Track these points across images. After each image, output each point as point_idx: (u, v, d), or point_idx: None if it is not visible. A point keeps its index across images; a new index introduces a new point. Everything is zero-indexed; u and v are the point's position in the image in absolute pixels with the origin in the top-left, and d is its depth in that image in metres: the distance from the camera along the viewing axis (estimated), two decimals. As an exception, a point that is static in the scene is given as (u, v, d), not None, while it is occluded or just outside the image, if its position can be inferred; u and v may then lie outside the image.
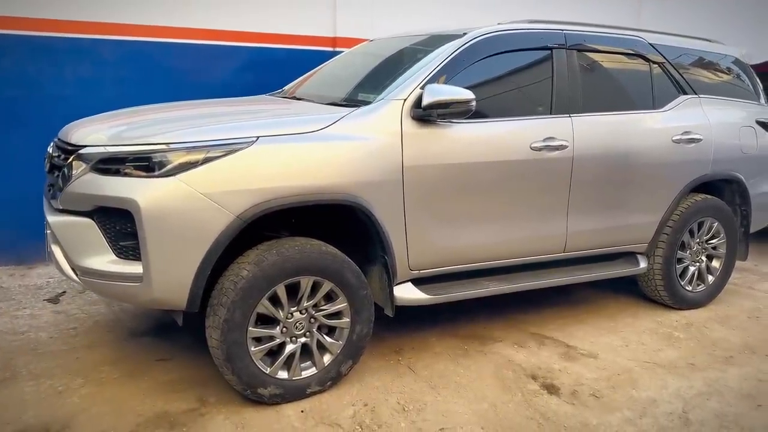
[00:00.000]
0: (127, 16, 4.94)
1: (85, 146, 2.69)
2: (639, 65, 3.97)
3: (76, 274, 2.68)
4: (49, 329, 3.62)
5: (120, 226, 2.59)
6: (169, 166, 2.53)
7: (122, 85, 4.96)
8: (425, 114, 2.97)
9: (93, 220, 2.61)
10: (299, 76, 4.41)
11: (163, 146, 2.56)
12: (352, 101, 3.26)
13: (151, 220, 2.50)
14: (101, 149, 2.63)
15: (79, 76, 4.83)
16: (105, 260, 2.60)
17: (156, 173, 2.53)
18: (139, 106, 3.66)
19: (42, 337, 3.51)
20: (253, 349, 2.73)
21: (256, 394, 2.78)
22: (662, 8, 7.96)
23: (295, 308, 2.82)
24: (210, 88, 5.19)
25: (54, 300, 4.10)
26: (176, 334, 3.53)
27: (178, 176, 2.53)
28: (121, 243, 2.61)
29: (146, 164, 2.55)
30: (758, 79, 4.71)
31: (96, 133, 2.79)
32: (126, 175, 2.56)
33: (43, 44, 4.67)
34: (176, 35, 5.14)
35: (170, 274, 2.58)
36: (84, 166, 2.63)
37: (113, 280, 2.60)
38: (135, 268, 2.57)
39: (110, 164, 2.59)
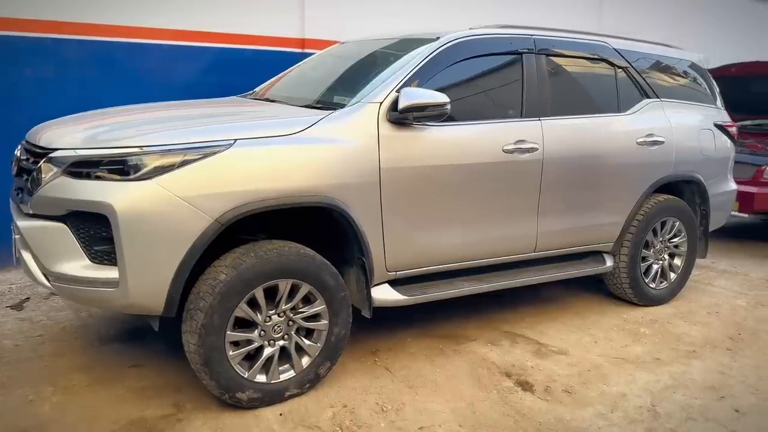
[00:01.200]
0: (91, 15, 4.83)
1: (57, 149, 2.62)
2: (604, 69, 4.09)
3: (48, 280, 2.61)
4: (14, 337, 3.51)
5: (94, 230, 2.54)
6: (145, 170, 2.50)
7: (85, 86, 4.84)
8: (401, 117, 3.00)
9: (66, 224, 2.55)
10: (267, 78, 4.38)
11: (139, 149, 2.52)
12: (327, 104, 3.26)
13: (127, 224, 2.46)
14: (73, 152, 2.58)
15: (39, 77, 4.70)
16: (79, 265, 2.55)
17: (132, 177, 2.49)
18: (109, 107, 3.58)
19: (7, 345, 3.41)
20: (231, 353, 2.71)
21: (234, 398, 2.76)
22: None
23: (273, 311, 2.81)
24: (176, 89, 5.12)
25: (18, 307, 3.98)
26: (148, 339, 3.47)
27: (155, 179, 2.49)
28: (95, 248, 2.56)
29: (121, 167, 2.51)
30: (715, 83, 4.89)
31: (67, 135, 2.73)
32: (100, 178, 2.52)
33: (2, 43, 4.53)
34: (141, 35, 5.05)
35: (147, 279, 2.54)
36: (55, 169, 2.57)
37: (88, 285, 2.55)
38: (110, 273, 2.53)
39: (83, 168, 2.54)
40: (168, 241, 2.53)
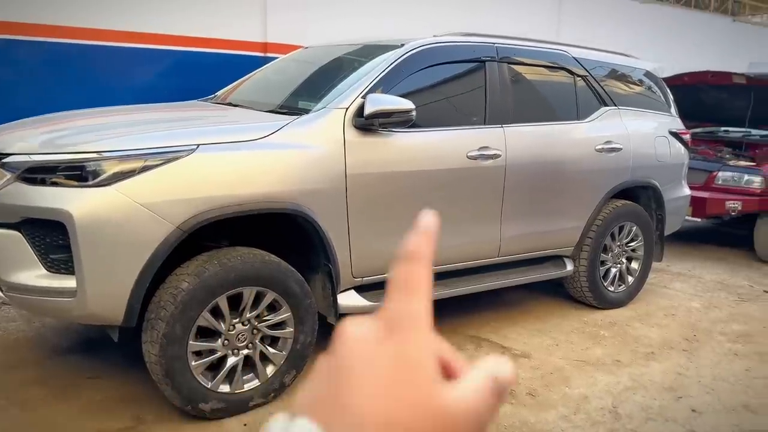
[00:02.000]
0: (49, 16, 4.69)
1: (11, 154, 2.53)
2: (564, 78, 4.17)
3: (2, 290, 2.52)
4: (-37, 349, 3.37)
5: (50, 238, 2.46)
6: (104, 176, 2.43)
7: (41, 89, 4.69)
8: (367, 123, 2.99)
9: (20, 232, 2.46)
10: (229, 82, 4.32)
11: (98, 155, 2.45)
12: (291, 109, 3.24)
13: (85, 232, 2.39)
14: (28, 158, 2.49)
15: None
16: (34, 275, 2.46)
17: (90, 183, 2.42)
18: (67, 111, 3.48)
19: (-45, 358, 3.26)
20: (193, 363, 2.65)
21: (197, 409, 2.70)
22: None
23: (237, 320, 2.76)
24: (137, 92, 5.00)
25: (-34, 317, 3.81)
26: (106, 350, 3.37)
27: (114, 186, 2.43)
28: (51, 256, 2.47)
29: (79, 173, 2.43)
30: (669, 92, 5.05)
31: (22, 140, 2.64)
32: (57, 185, 2.44)
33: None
34: (100, 38, 4.92)
35: (106, 288, 2.47)
36: (9, 175, 2.48)
37: (44, 295, 2.46)
38: (68, 282, 2.45)
39: (39, 173, 2.46)
40: (128, 249, 2.47)
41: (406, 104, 2.99)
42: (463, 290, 3.63)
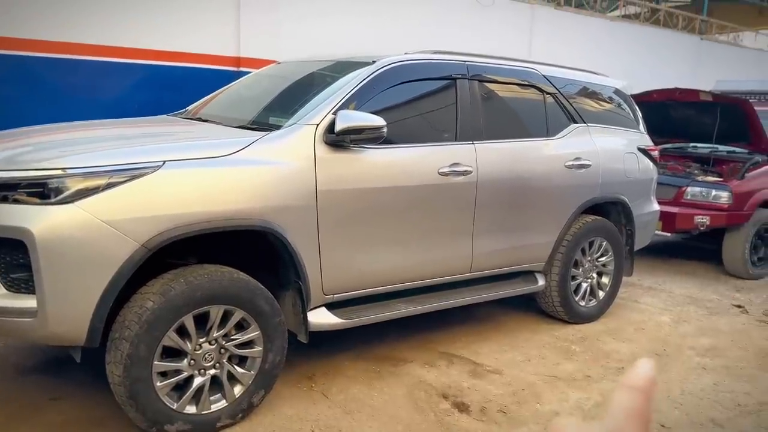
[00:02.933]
0: (14, 29, 4.61)
1: (-30, 171, 2.47)
2: (534, 95, 4.22)
3: (-41, 311, 2.43)
4: None
5: (10, 256, 2.39)
6: (66, 193, 2.38)
7: (5, 102, 4.61)
8: (338, 139, 2.99)
9: (-22, 250, 2.39)
10: (201, 96, 4.29)
11: (62, 171, 2.40)
12: (262, 124, 3.22)
13: (46, 251, 2.33)
14: (-12, 174, 2.43)
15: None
16: (-7, 294, 2.39)
17: (52, 200, 2.37)
18: (30, 126, 3.41)
19: None
20: (158, 384, 2.60)
21: (162, 431, 2.64)
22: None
23: (203, 339, 2.72)
24: (106, 106, 4.94)
25: (-76, 337, 3.69)
26: (69, 371, 3.29)
27: (77, 203, 2.38)
28: (11, 275, 2.41)
29: (41, 190, 2.38)
30: (638, 108, 5.14)
31: (-18, 156, 2.57)
32: (18, 202, 2.38)
33: None
34: (69, 51, 4.85)
35: (68, 308, 2.41)
36: (-32, 192, 2.41)
37: (3, 315, 2.39)
38: (28, 301, 2.38)
39: (0, 191, 2.39)
40: (91, 267, 2.41)
41: (377, 121, 2.99)
42: (434, 306, 3.63)
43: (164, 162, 2.56)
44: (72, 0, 4.84)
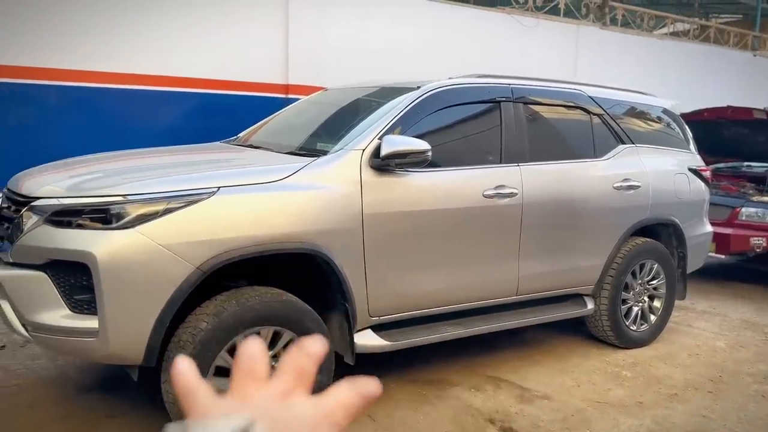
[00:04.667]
0: (81, 62, 4.89)
1: (39, 198, 2.63)
2: (580, 116, 4.20)
3: (27, 330, 2.58)
4: (-12, 387, 3.43)
5: (75, 279, 2.52)
6: (127, 218, 2.50)
7: (69, 131, 4.87)
8: (384, 164, 3.05)
9: (46, 273, 2.53)
10: (252, 123, 4.44)
11: (123, 198, 2.53)
12: (310, 150, 3.31)
13: (108, 273, 2.45)
14: (56, 201, 2.58)
15: (22, 122, 4.72)
16: (58, 315, 2.52)
17: (114, 225, 2.50)
18: (92, 154, 3.60)
19: (-20, 395, 3.32)
20: (211, 403, 2.66)
21: (214, 449, 2.70)
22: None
23: (254, 359, 2.78)
24: (162, 134, 5.15)
25: (-8, 355, 3.89)
26: (126, 389, 3.41)
27: (137, 228, 2.50)
28: (75, 297, 2.54)
29: (104, 216, 2.51)
30: (688, 128, 5.04)
31: (50, 184, 2.74)
32: (82, 227, 2.52)
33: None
34: (127, 81, 5.11)
35: (127, 328, 2.52)
36: (37, 218, 2.57)
37: (67, 335, 2.52)
38: (90, 322, 2.50)
39: (65, 216, 2.54)
40: (149, 289, 2.52)
41: (422, 145, 3.04)
42: (481, 329, 3.61)
43: (219, 188, 2.67)
44: (136, 36, 5.10)
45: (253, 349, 0.51)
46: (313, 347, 0.50)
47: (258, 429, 0.43)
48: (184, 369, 0.50)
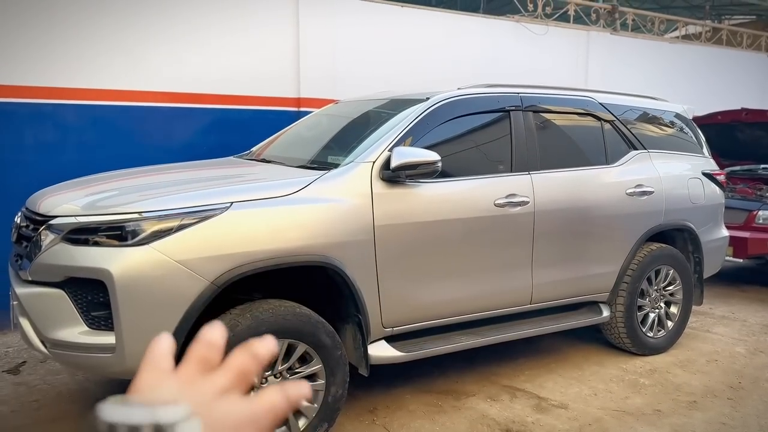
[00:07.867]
0: (85, 80, 4.98)
1: (56, 216, 2.68)
2: (591, 123, 4.20)
3: (46, 347, 2.62)
4: (9, 402, 3.48)
5: (92, 296, 2.57)
6: (142, 235, 2.54)
7: (83, 148, 4.96)
8: (394, 175, 3.07)
9: (64, 290, 2.58)
10: (265, 137, 4.49)
11: (138, 215, 2.57)
12: (321, 164, 3.34)
13: (124, 290, 2.49)
14: (73, 219, 2.63)
15: (41, 141, 4.82)
16: (76, 332, 2.56)
17: (129, 242, 2.54)
18: (105, 172, 3.66)
19: (2, 411, 3.37)
20: (228, 416, 2.69)
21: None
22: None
23: (269, 372, 2.81)
24: (174, 150, 5.23)
25: (14, 371, 3.95)
26: (145, 403, 3.44)
27: (152, 244, 2.54)
28: (93, 313, 2.58)
29: (119, 233, 2.55)
30: (701, 133, 5.01)
31: (66, 203, 2.79)
32: (98, 244, 2.56)
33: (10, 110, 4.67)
34: (137, 99, 5.19)
35: (143, 344, 2.54)
36: (54, 236, 2.62)
37: (85, 351, 2.56)
38: (107, 338, 2.54)
39: (82, 234, 2.59)
40: (165, 304, 2.56)
41: (431, 156, 3.06)
42: (496, 338, 3.61)
43: (231, 203, 2.70)
44: (150, 55, 5.19)
45: (213, 336, 0.51)
46: (260, 349, 0.51)
47: (194, 424, 0.43)
48: (159, 344, 0.51)
